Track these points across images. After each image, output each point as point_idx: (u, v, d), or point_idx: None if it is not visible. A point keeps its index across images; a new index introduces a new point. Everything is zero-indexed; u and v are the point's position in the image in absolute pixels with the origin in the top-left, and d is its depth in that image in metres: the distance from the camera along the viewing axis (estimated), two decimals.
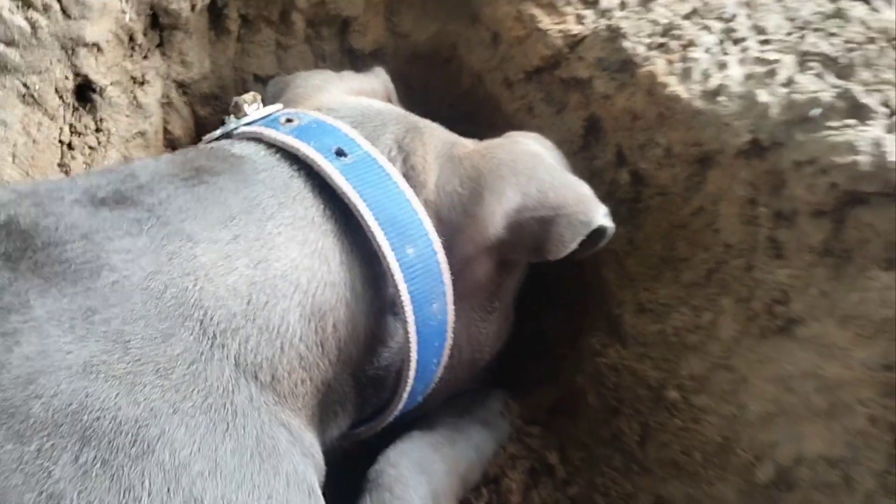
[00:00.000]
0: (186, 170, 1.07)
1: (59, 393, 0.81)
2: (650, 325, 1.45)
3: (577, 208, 1.24)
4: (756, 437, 1.24)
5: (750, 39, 1.48)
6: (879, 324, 1.12)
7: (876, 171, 1.13)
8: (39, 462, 0.76)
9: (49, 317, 0.85)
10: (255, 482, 0.92)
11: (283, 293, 1.04)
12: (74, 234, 0.93)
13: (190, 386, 0.91)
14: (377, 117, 1.27)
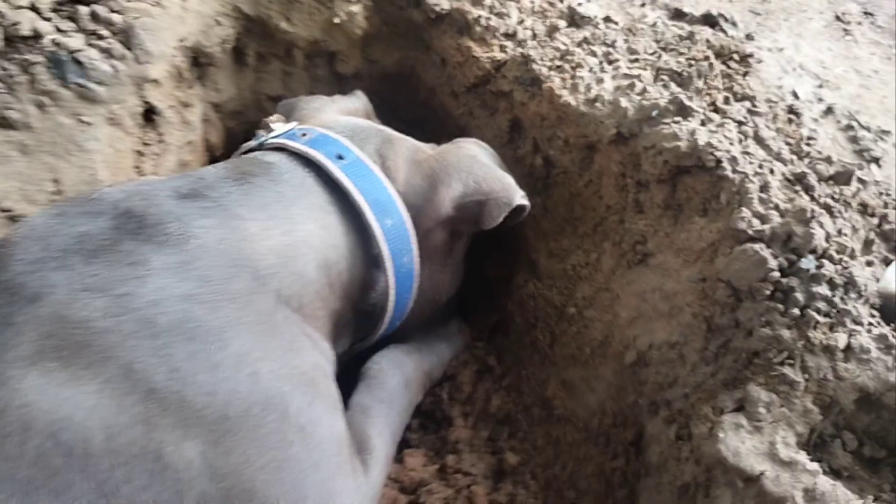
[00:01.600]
0: (236, 174, 1.32)
1: (173, 311, 1.08)
2: (556, 264, 1.71)
3: (502, 193, 1.51)
4: (624, 334, 1.52)
5: (622, 60, 1.72)
6: (698, 252, 1.40)
7: (691, 151, 1.42)
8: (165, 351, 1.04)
9: (162, 267, 1.11)
10: (296, 363, 1.19)
11: (303, 251, 1.30)
12: (171, 217, 1.18)
13: (248, 308, 1.16)
14: (362, 132, 1.51)
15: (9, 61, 1.46)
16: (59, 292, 1.04)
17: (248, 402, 1.08)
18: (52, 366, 0.98)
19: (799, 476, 1.16)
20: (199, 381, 1.05)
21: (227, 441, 1.05)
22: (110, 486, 0.96)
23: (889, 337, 1.26)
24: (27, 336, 0.99)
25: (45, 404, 0.96)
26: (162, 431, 1.00)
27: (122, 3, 1.57)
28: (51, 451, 0.94)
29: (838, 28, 2.20)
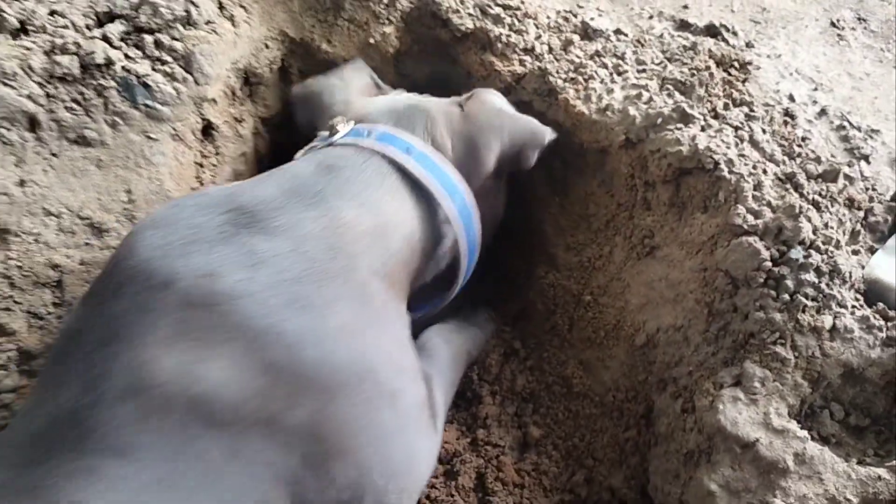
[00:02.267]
0: (324, 170, 1.40)
1: (285, 293, 1.17)
2: (573, 257, 1.80)
3: (533, 139, 1.62)
4: (635, 319, 1.60)
5: (630, 71, 1.80)
6: (699, 245, 1.49)
7: (692, 155, 1.51)
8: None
9: (273, 254, 1.20)
10: (387, 333, 1.30)
11: (390, 229, 1.39)
12: (278, 210, 1.28)
13: (347, 281, 1.26)
14: (404, 115, 1.58)
15: (85, 86, 1.56)
16: (186, 280, 1.13)
17: (346, 373, 1.18)
18: (186, 347, 1.08)
19: (790, 442, 1.25)
20: (306, 356, 1.14)
21: (329, 408, 1.15)
22: (236, 448, 1.07)
23: (870, 318, 1.34)
24: (164, 321, 1.10)
25: (183, 382, 1.06)
26: (276, 401, 1.10)
27: (182, 31, 1.66)
28: (190, 422, 1.05)
29: (833, 34, 2.24)
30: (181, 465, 1.05)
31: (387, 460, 1.23)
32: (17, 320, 1.45)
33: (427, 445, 1.34)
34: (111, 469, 1.02)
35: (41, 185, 1.51)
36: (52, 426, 1.07)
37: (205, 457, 1.05)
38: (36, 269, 1.48)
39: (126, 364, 1.08)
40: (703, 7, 2.25)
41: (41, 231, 1.49)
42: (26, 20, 1.66)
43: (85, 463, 1.02)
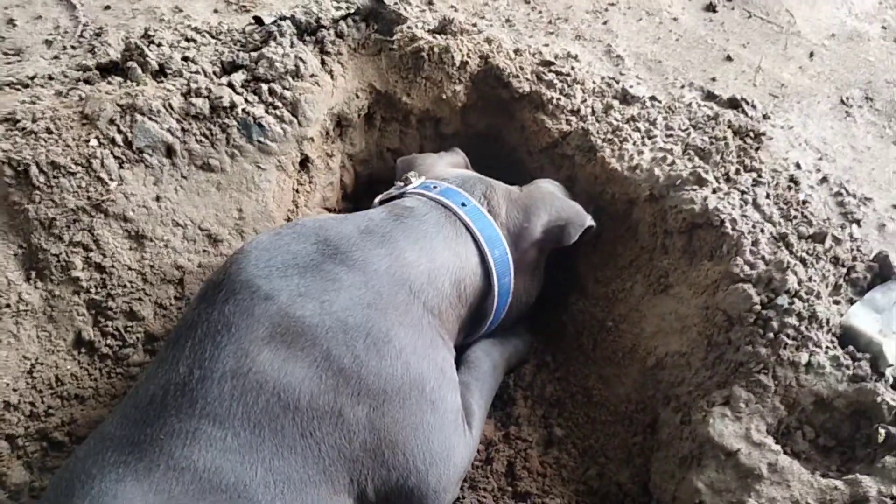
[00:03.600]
0: (393, 216, 1.60)
1: (358, 315, 1.38)
2: (600, 289, 1.95)
3: (577, 218, 1.77)
4: (648, 344, 1.76)
5: (659, 135, 1.97)
6: (704, 286, 1.66)
7: (703, 212, 1.68)
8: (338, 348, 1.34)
9: (351, 284, 1.41)
10: (433, 357, 1.48)
11: (442, 273, 1.58)
12: (356, 247, 1.48)
13: (406, 314, 1.47)
14: (469, 181, 1.77)
15: (213, 124, 1.79)
16: (284, 296, 1.36)
17: (400, 382, 1.39)
18: (279, 346, 1.31)
19: (765, 454, 1.43)
20: (370, 366, 1.36)
21: (384, 407, 1.37)
22: (308, 430, 1.29)
23: (841, 358, 1.51)
24: (263, 325, 1.32)
25: (273, 373, 1.29)
26: (344, 397, 1.33)
27: (291, 82, 1.89)
28: (275, 404, 1.28)
29: (842, 110, 2.38)
30: (262, 437, 1.27)
31: (427, 452, 1.43)
32: (146, 308, 1.69)
33: (460, 442, 1.52)
34: (207, 432, 1.25)
35: (172, 202, 1.74)
36: (165, 394, 1.29)
37: (282, 432, 1.28)
38: (164, 269, 1.71)
39: (230, 353, 1.30)
40: (730, 80, 2.42)
41: (170, 238, 1.73)
42: (164, 64, 1.90)
43: (187, 425, 1.25)
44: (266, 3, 2.41)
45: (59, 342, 1.61)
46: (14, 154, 1.61)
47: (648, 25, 2.61)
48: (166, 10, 2.35)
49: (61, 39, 2.23)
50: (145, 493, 1.18)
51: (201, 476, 1.21)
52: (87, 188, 1.64)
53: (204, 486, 1.21)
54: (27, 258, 1.62)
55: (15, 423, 1.53)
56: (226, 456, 1.24)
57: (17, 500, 1.48)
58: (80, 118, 1.69)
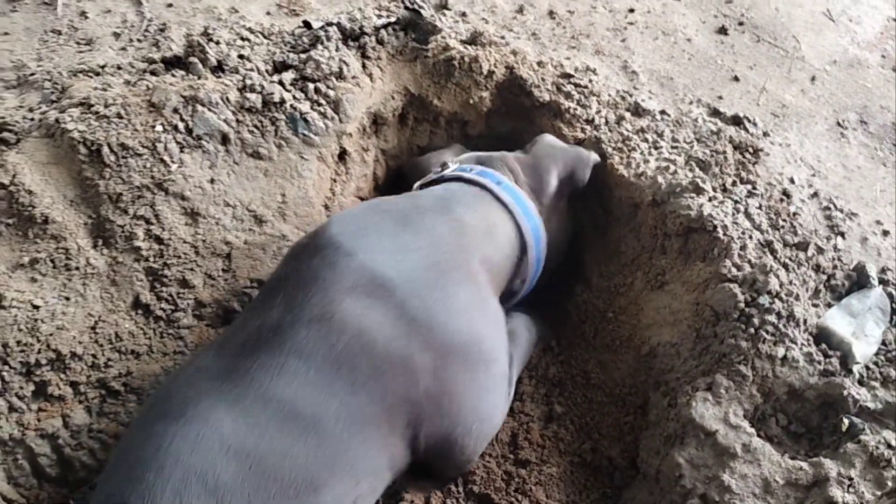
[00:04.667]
0: (446, 193, 1.71)
1: (428, 274, 1.49)
2: (604, 282, 2.04)
3: (584, 162, 1.91)
4: (643, 334, 1.85)
5: (665, 147, 2.05)
6: (696, 285, 1.75)
7: (698, 218, 1.76)
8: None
9: (419, 247, 1.51)
10: (491, 314, 1.59)
11: (498, 231, 1.70)
12: (421, 216, 1.59)
13: (469, 271, 1.57)
14: (485, 157, 1.90)
15: (264, 117, 1.90)
16: (363, 253, 1.46)
17: (463, 337, 1.49)
18: (360, 295, 1.41)
19: (740, 435, 1.53)
20: (440, 319, 1.47)
21: (448, 359, 1.47)
22: (380, 370, 1.39)
23: (813, 354, 1.61)
24: (346, 276, 1.43)
25: (354, 318, 1.39)
26: (414, 344, 1.42)
27: (335, 82, 2.00)
28: (354, 345, 1.37)
29: (837, 131, 2.46)
30: (340, 374, 1.36)
31: (477, 408, 1.54)
32: (197, 278, 1.80)
33: (502, 405, 1.64)
34: (293, 367, 1.35)
35: (224, 184, 1.86)
36: (259, 334, 1.40)
37: (357, 370, 1.37)
38: (214, 244, 1.82)
39: (318, 300, 1.41)
40: (735, 99, 2.50)
41: (221, 217, 1.84)
42: (222, 61, 2.02)
43: (277, 360, 1.35)
44: (314, 8, 2.52)
45: (119, 303, 1.72)
46: (89, 135, 1.74)
47: (663, 44, 2.69)
48: (223, 10, 2.46)
49: (128, 32, 2.35)
50: (235, 419, 1.27)
51: (285, 406, 1.30)
52: (151, 168, 1.76)
53: (286, 414, 1.30)
54: (95, 227, 1.74)
55: (78, 372, 1.64)
56: (307, 389, 1.33)
57: (77, 439, 1.60)
58: (148, 105, 1.81)
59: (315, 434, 1.32)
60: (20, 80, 2.11)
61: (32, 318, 1.60)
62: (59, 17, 2.37)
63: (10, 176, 1.67)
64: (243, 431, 1.27)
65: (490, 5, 2.68)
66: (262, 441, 1.27)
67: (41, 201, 1.68)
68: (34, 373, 1.58)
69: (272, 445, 1.28)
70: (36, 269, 1.65)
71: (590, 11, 2.77)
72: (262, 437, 1.27)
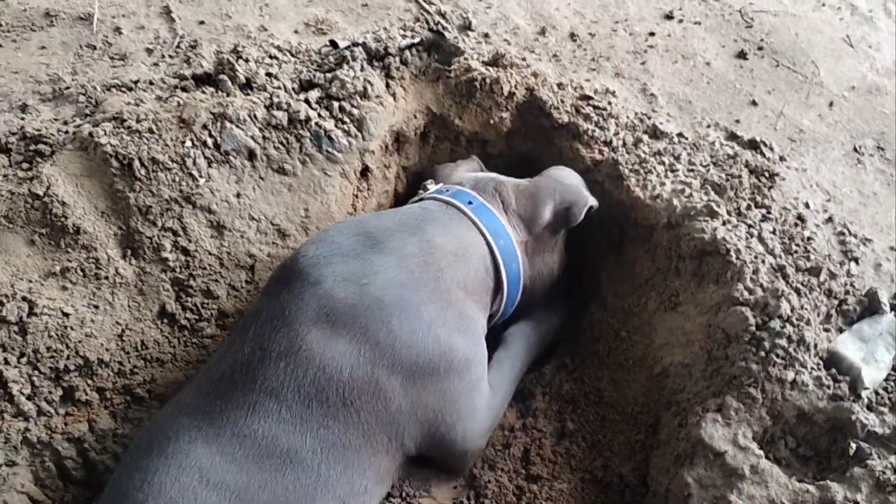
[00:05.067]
0: (420, 212, 1.74)
1: (392, 294, 1.51)
2: (618, 302, 2.07)
3: (579, 200, 1.90)
4: (656, 354, 1.87)
5: (681, 170, 2.07)
6: (708, 307, 1.77)
7: (712, 241, 1.79)
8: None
9: (386, 267, 1.55)
10: (463, 328, 1.61)
11: (468, 250, 1.71)
12: (390, 236, 1.62)
13: (435, 287, 1.60)
14: (481, 181, 1.92)
15: (289, 134, 1.95)
16: (329, 280, 1.51)
17: (430, 354, 1.53)
18: (324, 326, 1.46)
19: (749, 457, 1.55)
20: (404, 340, 1.51)
21: (416, 377, 1.51)
22: (349, 399, 1.44)
23: (823, 378, 1.62)
24: (311, 307, 1.48)
25: (319, 350, 1.44)
26: (380, 369, 1.47)
27: (359, 101, 2.04)
28: (321, 377, 1.43)
29: (854, 157, 2.47)
30: (311, 408, 1.43)
31: (454, 410, 1.59)
32: (220, 289, 1.85)
33: (483, 404, 1.68)
34: (265, 405, 1.42)
35: (250, 199, 1.91)
36: (232, 372, 1.47)
37: (327, 402, 1.44)
38: (238, 256, 1.87)
39: (284, 334, 1.47)
40: (752, 123, 2.52)
41: (246, 230, 1.89)
42: (251, 78, 2.08)
43: (249, 399, 1.43)
44: (341, 27, 2.57)
45: (146, 312, 1.78)
46: (121, 149, 1.79)
47: (683, 68, 2.72)
48: (253, 28, 2.52)
49: (160, 49, 2.42)
50: (213, 455, 1.35)
51: (260, 443, 1.38)
52: (180, 182, 1.81)
53: (262, 451, 1.38)
54: (125, 238, 1.79)
55: (105, 378, 1.70)
56: (280, 426, 1.40)
57: (102, 443, 1.65)
58: (178, 121, 1.87)
59: (292, 468, 1.39)
60: (55, 93, 2.17)
61: (62, 326, 1.65)
62: (95, 32, 2.44)
63: (45, 187, 1.73)
64: (222, 466, 1.35)
65: (513, 27, 2.72)
66: (241, 475, 1.35)
67: (73, 212, 1.74)
68: (63, 378, 1.64)
69: (251, 479, 1.35)
70: (67, 278, 1.70)
71: (611, 34, 2.80)
72: (240, 472, 1.35)
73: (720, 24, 2.97)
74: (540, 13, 2.83)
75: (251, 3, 2.63)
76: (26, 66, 2.28)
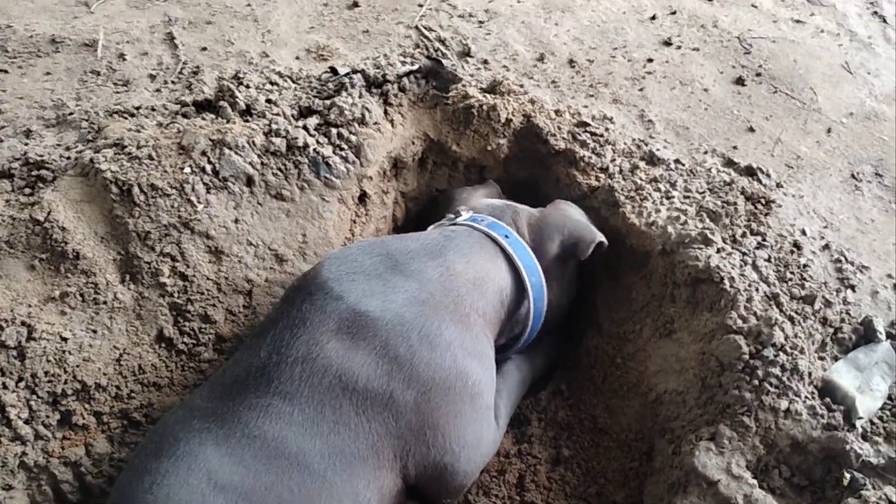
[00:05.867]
0: (442, 239, 1.76)
1: (413, 312, 1.55)
2: (614, 328, 2.07)
3: (587, 236, 1.91)
4: (650, 381, 1.87)
5: (677, 197, 2.08)
6: (702, 334, 1.77)
7: (706, 269, 1.79)
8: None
9: (407, 288, 1.58)
10: (478, 351, 1.63)
11: (487, 281, 1.74)
12: (412, 259, 1.66)
13: (455, 310, 1.63)
14: (499, 209, 1.94)
15: (287, 160, 1.97)
16: (351, 296, 1.54)
17: (446, 373, 1.55)
18: (344, 337, 1.48)
19: (742, 486, 1.54)
20: (422, 356, 1.53)
21: (430, 394, 1.52)
22: (361, 409, 1.46)
23: (817, 408, 1.62)
24: (332, 319, 1.50)
25: (337, 359, 1.46)
26: (396, 382, 1.49)
27: (357, 128, 2.06)
28: (336, 386, 1.45)
29: (852, 184, 2.47)
30: (323, 413, 1.44)
31: (462, 437, 1.58)
32: (218, 314, 1.86)
33: (489, 434, 1.68)
34: (278, 407, 1.43)
35: (248, 224, 1.92)
36: (247, 374, 1.49)
37: (340, 411, 1.45)
38: (236, 281, 1.88)
39: (303, 342, 1.49)
40: (750, 149, 2.53)
41: (244, 255, 1.90)
42: (251, 105, 2.10)
43: (262, 401, 1.44)
44: (342, 53, 2.60)
45: (143, 336, 1.78)
46: (120, 175, 1.81)
47: (681, 94, 2.74)
48: (255, 55, 2.55)
49: (163, 75, 2.45)
50: (222, 456, 1.36)
51: (269, 444, 1.39)
52: (179, 208, 1.83)
53: (271, 452, 1.38)
54: (124, 263, 1.81)
55: (102, 402, 1.70)
56: (291, 428, 1.42)
57: (99, 467, 1.65)
58: (178, 148, 1.89)
59: (299, 471, 1.39)
60: (59, 118, 2.20)
61: (60, 350, 1.66)
62: (99, 58, 2.47)
63: (46, 213, 1.75)
64: (230, 468, 1.35)
65: (511, 53, 2.74)
66: (249, 477, 1.35)
67: (73, 237, 1.75)
68: (60, 402, 1.64)
69: (258, 481, 1.36)
70: (66, 303, 1.71)
71: (609, 60, 2.82)
72: (249, 474, 1.36)
73: (718, 51, 2.99)
74: (539, 39, 2.86)
75: (253, 30, 2.67)
76: (31, 91, 2.31)
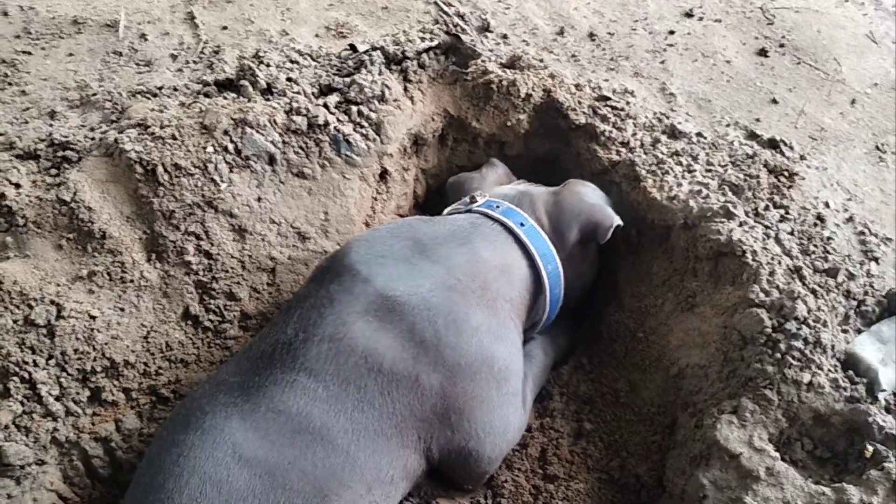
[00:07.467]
0: (468, 225, 1.76)
1: (441, 296, 1.56)
2: (635, 303, 2.07)
3: (605, 221, 1.88)
4: (672, 355, 1.86)
5: (699, 170, 2.06)
6: (724, 308, 1.76)
7: (728, 243, 1.78)
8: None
9: (435, 273, 1.59)
10: (505, 337, 1.64)
11: (513, 269, 1.74)
12: (440, 245, 1.66)
13: (482, 295, 1.63)
14: (516, 197, 1.91)
15: (308, 138, 1.97)
16: (380, 279, 1.55)
17: (473, 357, 1.56)
18: (371, 319, 1.50)
19: (764, 459, 1.54)
20: (448, 340, 1.54)
21: (456, 378, 1.53)
22: (388, 389, 1.47)
23: (839, 380, 1.61)
24: (360, 301, 1.52)
25: (364, 340, 1.48)
26: (422, 365, 1.51)
27: (377, 105, 2.06)
28: (362, 366, 1.46)
29: (876, 155, 2.44)
30: (348, 391, 1.46)
31: (488, 422, 1.60)
32: (242, 291, 1.88)
33: (515, 419, 1.69)
34: (303, 383, 1.45)
35: (270, 202, 1.93)
36: (273, 350, 1.51)
37: (365, 389, 1.46)
38: (260, 259, 1.90)
39: (331, 321, 1.50)
40: (773, 121, 2.50)
41: (267, 233, 1.91)
42: (271, 84, 2.10)
43: (288, 376, 1.46)
44: (361, 30, 2.59)
45: (170, 314, 1.81)
46: (145, 155, 1.82)
47: (703, 66, 2.70)
48: (275, 33, 2.55)
49: (184, 55, 2.45)
50: (247, 430, 1.38)
51: (294, 418, 1.41)
52: (202, 187, 1.84)
53: (295, 427, 1.40)
54: (149, 242, 1.82)
55: (131, 379, 1.73)
56: (316, 404, 1.43)
57: (128, 443, 1.68)
58: (200, 128, 1.90)
59: (323, 446, 1.41)
60: (83, 99, 2.21)
61: (89, 328, 1.68)
62: (121, 38, 2.48)
63: (72, 193, 1.77)
64: (255, 442, 1.37)
65: (531, 27, 2.72)
66: (273, 451, 1.37)
67: (99, 217, 1.77)
68: (90, 379, 1.67)
69: (282, 455, 1.38)
70: (93, 282, 1.74)
71: (630, 33, 2.79)
72: (273, 448, 1.38)
73: (741, 22, 2.95)
74: (559, 13, 2.83)
75: (273, 8, 2.66)
76: (55, 72, 2.33)
